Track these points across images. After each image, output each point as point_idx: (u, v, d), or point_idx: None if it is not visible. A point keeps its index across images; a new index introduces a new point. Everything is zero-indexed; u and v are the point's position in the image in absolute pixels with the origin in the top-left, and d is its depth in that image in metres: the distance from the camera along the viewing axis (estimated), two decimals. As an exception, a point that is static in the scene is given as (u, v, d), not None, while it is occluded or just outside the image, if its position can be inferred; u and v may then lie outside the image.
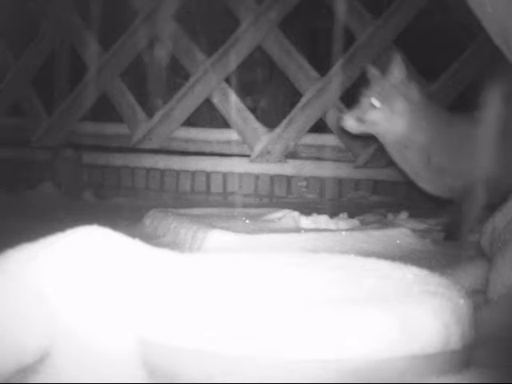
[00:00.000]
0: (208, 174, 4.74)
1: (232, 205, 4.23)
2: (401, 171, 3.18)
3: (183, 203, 4.37)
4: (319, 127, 4.75)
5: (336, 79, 4.59)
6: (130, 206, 4.31)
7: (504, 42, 2.00)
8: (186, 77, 4.86)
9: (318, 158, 4.70)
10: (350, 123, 2.98)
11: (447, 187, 3.05)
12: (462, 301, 1.37)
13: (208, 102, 4.85)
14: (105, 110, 5.11)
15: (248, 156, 4.71)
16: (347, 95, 4.70)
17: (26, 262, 1.37)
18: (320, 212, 3.25)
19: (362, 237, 2.77)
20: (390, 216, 3.61)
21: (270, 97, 5.36)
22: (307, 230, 2.85)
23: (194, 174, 4.76)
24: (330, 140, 4.70)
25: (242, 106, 4.75)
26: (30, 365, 1.26)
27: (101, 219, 1.76)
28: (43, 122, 5.16)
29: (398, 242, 2.80)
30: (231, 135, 4.78)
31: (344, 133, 3.31)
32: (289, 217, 3.05)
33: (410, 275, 1.47)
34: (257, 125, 4.72)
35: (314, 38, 5.46)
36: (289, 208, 3.22)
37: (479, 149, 2.88)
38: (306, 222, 3.07)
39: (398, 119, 2.96)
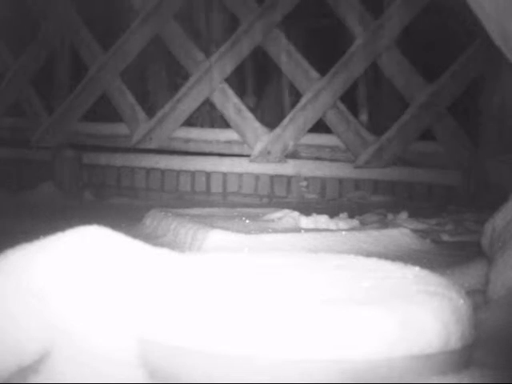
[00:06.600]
0: (208, 174, 4.74)
1: (232, 205, 4.23)
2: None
3: (183, 203, 4.37)
4: (319, 127, 4.75)
5: (336, 79, 4.59)
6: (130, 206, 4.31)
7: (504, 42, 2.00)
8: (186, 77, 4.86)
9: (318, 158, 4.70)
10: None
11: None
12: (461, 301, 1.37)
13: (208, 102, 4.86)
14: (105, 110, 5.11)
15: (248, 156, 4.71)
16: (347, 95, 4.70)
17: (26, 262, 1.37)
18: (320, 212, 3.25)
19: (362, 237, 2.76)
20: (390, 216, 3.61)
21: (270, 97, 5.36)
22: (307, 230, 2.85)
23: (193, 173, 4.76)
24: (330, 140, 4.70)
25: (242, 106, 4.76)
26: (30, 365, 1.26)
27: (101, 219, 1.76)
28: (43, 122, 5.16)
29: (397, 242, 2.80)
30: (231, 135, 4.79)
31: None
32: (289, 217, 3.05)
33: (410, 275, 1.47)
34: (257, 125, 4.72)
35: (314, 37, 5.46)
36: (289, 208, 3.22)
37: None
38: (305, 221, 3.07)
39: None
